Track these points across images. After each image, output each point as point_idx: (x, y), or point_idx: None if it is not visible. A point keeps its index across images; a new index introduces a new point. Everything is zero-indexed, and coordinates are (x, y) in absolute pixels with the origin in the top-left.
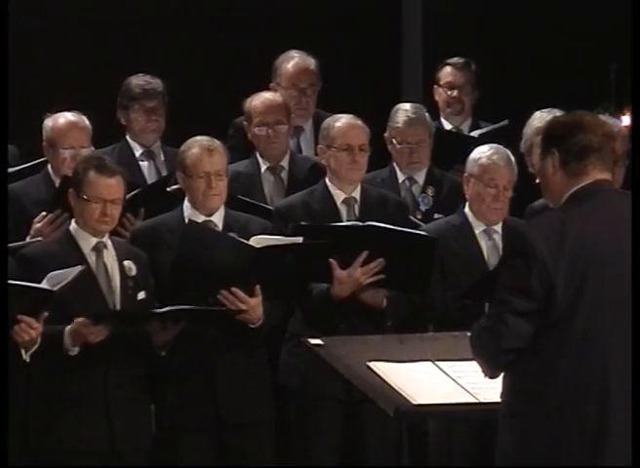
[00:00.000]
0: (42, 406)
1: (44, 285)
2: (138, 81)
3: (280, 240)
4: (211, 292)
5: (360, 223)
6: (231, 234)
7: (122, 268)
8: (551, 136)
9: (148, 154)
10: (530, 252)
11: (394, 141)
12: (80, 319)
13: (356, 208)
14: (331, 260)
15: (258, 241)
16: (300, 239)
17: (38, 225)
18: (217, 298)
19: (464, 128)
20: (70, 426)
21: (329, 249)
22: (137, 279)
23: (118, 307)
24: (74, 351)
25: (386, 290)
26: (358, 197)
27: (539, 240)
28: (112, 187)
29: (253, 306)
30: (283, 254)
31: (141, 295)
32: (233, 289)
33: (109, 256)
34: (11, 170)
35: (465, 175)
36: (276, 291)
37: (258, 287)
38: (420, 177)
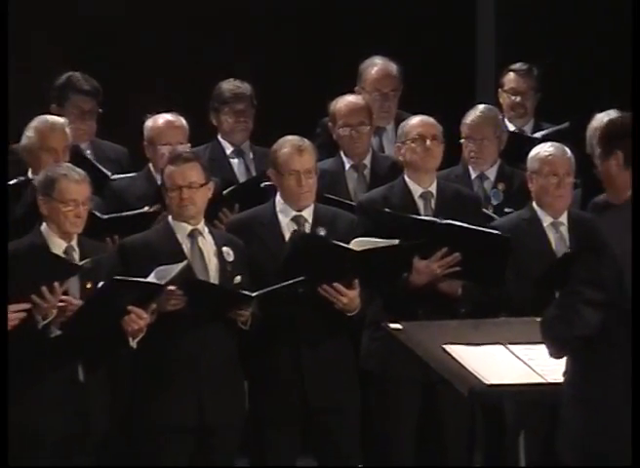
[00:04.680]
0: (142, 381)
1: (152, 278)
2: (228, 86)
3: (379, 242)
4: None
5: (439, 221)
6: (320, 232)
7: (220, 253)
8: (613, 137)
9: (238, 153)
10: (602, 245)
11: (462, 136)
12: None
13: (432, 202)
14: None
15: (358, 243)
16: (396, 241)
17: None
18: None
19: (527, 129)
20: (163, 401)
21: (417, 246)
22: (234, 264)
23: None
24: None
25: (462, 281)
26: (434, 191)
27: (611, 233)
28: (185, 173)
29: (352, 297)
30: (380, 255)
31: (238, 279)
32: (335, 283)
33: (206, 242)
34: (116, 176)
35: (528, 173)
36: (370, 283)
37: (356, 280)
38: (492, 174)
